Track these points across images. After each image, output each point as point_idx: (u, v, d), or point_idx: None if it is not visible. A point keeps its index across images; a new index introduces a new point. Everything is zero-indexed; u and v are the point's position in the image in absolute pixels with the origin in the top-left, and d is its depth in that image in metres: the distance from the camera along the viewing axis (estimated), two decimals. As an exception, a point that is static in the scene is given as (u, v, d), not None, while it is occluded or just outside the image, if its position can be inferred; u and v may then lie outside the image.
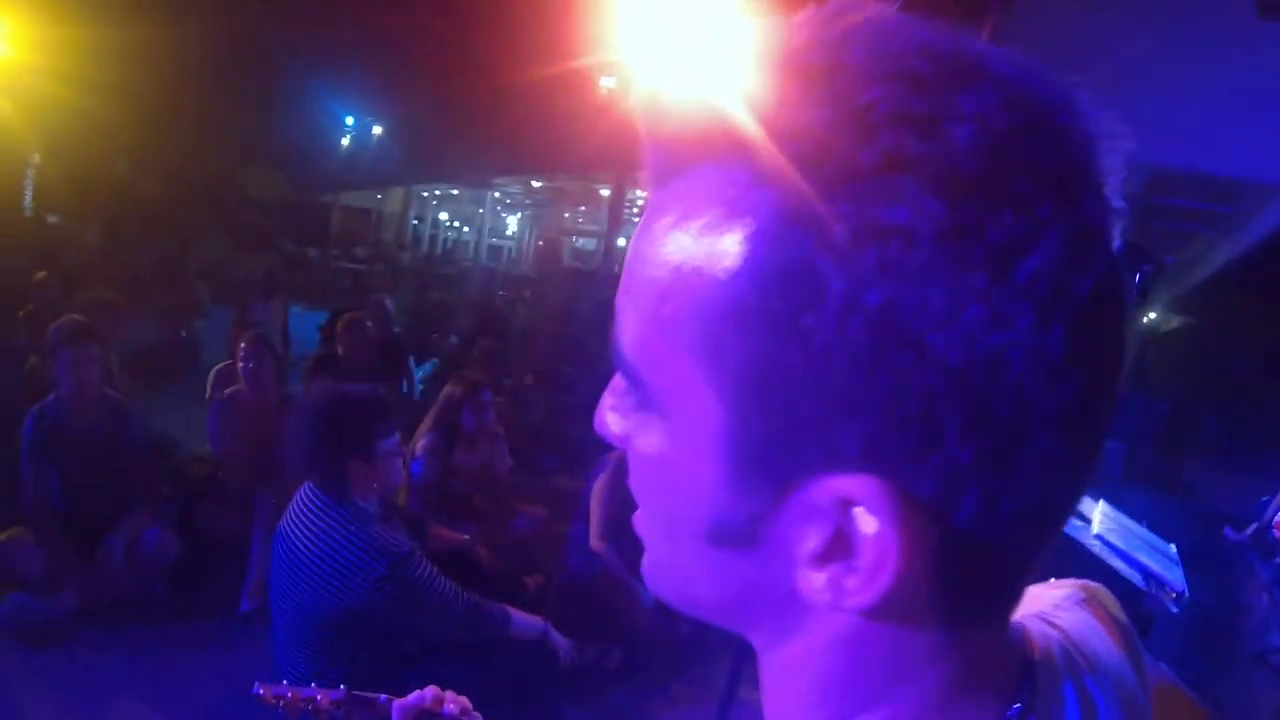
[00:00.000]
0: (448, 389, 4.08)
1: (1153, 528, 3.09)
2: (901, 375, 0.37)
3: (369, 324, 5.18)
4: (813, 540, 0.41)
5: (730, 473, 0.42)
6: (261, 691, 1.58)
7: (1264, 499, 4.84)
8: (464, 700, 1.41)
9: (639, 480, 0.48)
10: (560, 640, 2.73)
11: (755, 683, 0.51)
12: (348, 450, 2.31)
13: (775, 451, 0.41)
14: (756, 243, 0.39)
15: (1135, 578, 2.18)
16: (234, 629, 3.55)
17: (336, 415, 2.38)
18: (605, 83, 8.91)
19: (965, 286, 0.36)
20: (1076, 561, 2.15)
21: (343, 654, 2.29)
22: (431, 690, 1.40)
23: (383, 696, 1.45)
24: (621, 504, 3.72)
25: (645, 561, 0.51)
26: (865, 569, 0.40)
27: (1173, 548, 2.66)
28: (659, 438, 0.45)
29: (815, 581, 0.41)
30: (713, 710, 3.61)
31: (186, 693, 3.19)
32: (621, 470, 2.78)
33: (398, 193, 19.01)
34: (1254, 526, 4.71)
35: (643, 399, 0.45)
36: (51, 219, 12.18)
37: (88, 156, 12.65)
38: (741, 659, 2.21)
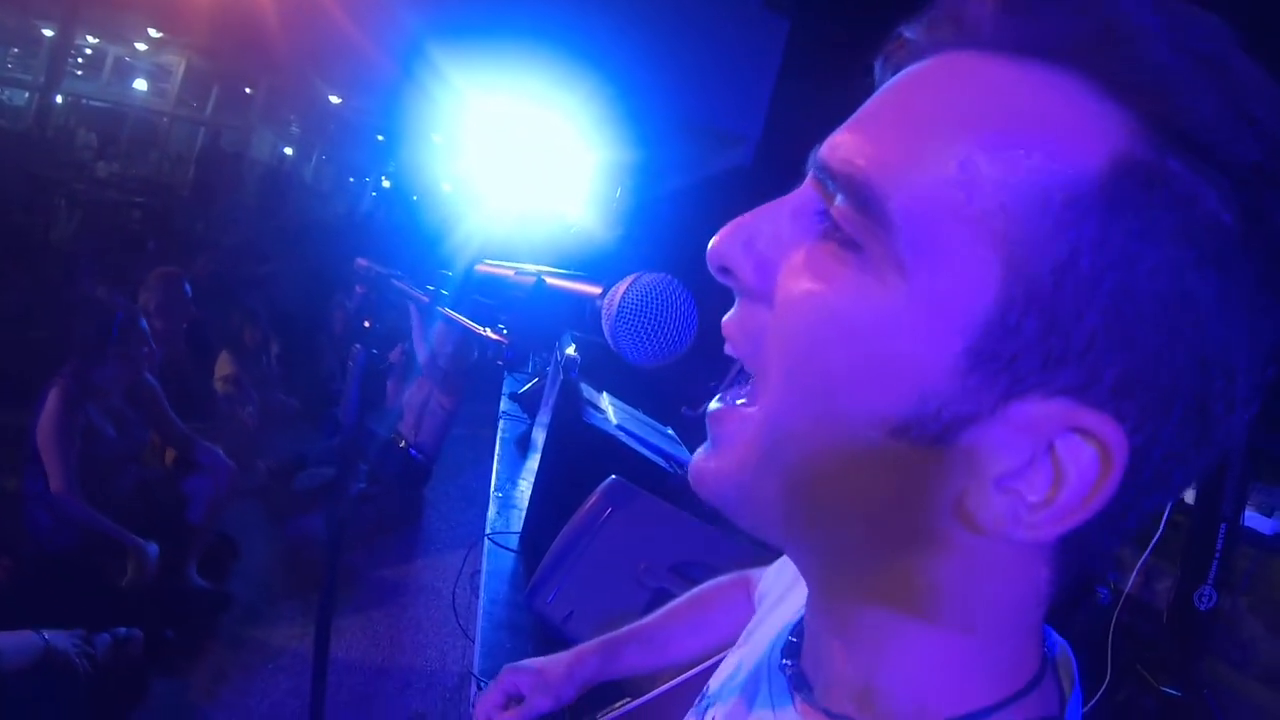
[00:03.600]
0: None
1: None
2: (1185, 335, 0.40)
3: None
4: (1012, 457, 0.42)
5: (966, 360, 0.42)
6: None
7: (711, 383, 5.72)
8: None
9: (806, 333, 0.45)
10: (65, 650, 2.18)
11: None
12: None
13: (1027, 356, 0.41)
14: (1116, 149, 0.40)
15: (660, 461, 2.37)
16: None
17: None
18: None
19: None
20: (610, 455, 2.27)
21: None
22: None
23: None
24: (85, 445, 3.14)
25: (751, 424, 0.49)
26: (1063, 503, 0.42)
27: (670, 430, 2.94)
28: (885, 296, 0.43)
29: (993, 500, 0.43)
30: (273, 677, 3.26)
31: None
32: (74, 405, 2.29)
33: None
34: (705, 406, 5.54)
35: (885, 246, 0.43)
36: None
37: None
38: (329, 611, 1.95)
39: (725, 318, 0.52)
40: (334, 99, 18.29)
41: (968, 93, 0.43)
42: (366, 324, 1.71)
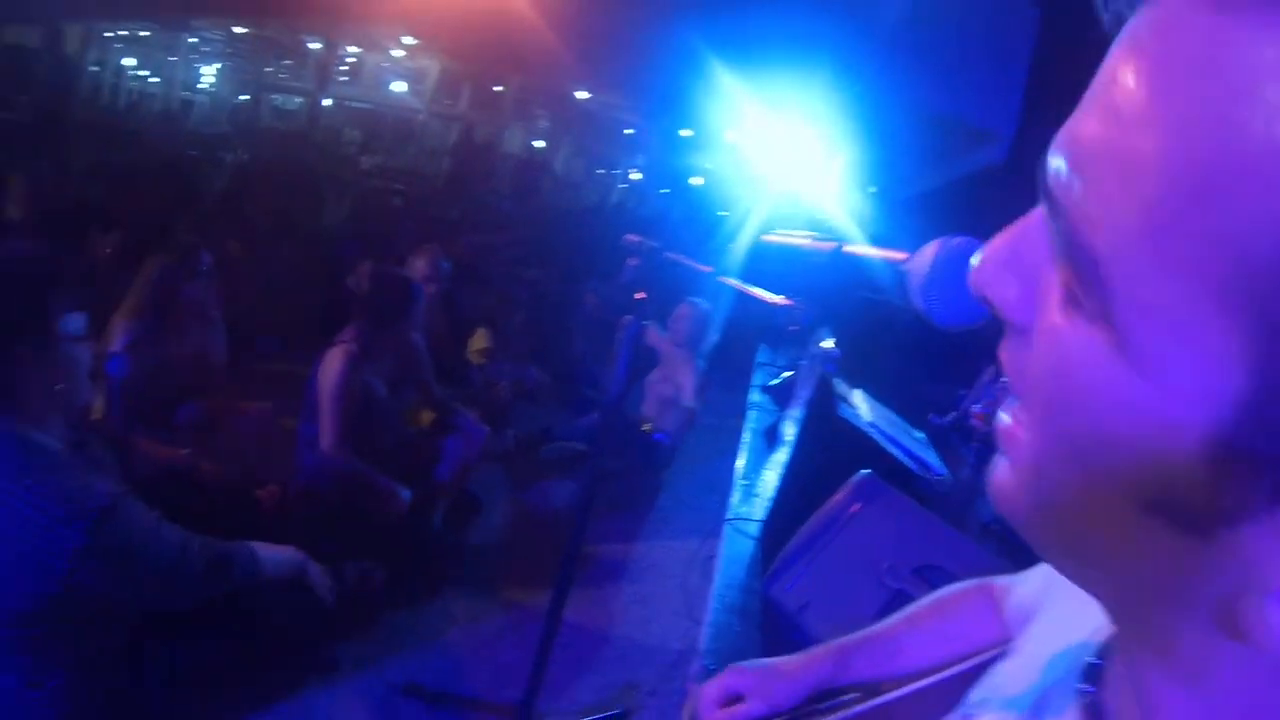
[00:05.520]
0: (154, 260, 3.43)
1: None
2: None
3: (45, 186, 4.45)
4: None
5: (1214, 453, 0.31)
6: None
7: (960, 392, 5.55)
8: None
9: (1051, 383, 0.36)
10: (317, 572, 2.30)
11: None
12: (10, 332, 1.66)
13: None
14: None
15: (909, 463, 2.33)
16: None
17: None
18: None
19: None
20: (861, 451, 2.25)
21: (56, 653, 1.73)
22: None
23: None
24: (360, 403, 3.40)
25: (1020, 453, 0.40)
26: None
27: (920, 434, 2.88)
28: (1106, 355, 0.33)
29: (1269, 614, 0.32)
30: (497, 627, 3.44)
31: None
32: (356, 367, 2.49)
33: (74, 31, 16.10)
34: (953, 415, 5.40)
35: (1097, 306, 0.33)
36: None
37: None
38: (569, 574, 2.04)
39: (1002, 342, 0.43)
40: (582, 95, 18.89)
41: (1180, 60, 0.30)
42: (641, 296, 1.76)
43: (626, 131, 21.86)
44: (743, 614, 2.04)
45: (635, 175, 21.83)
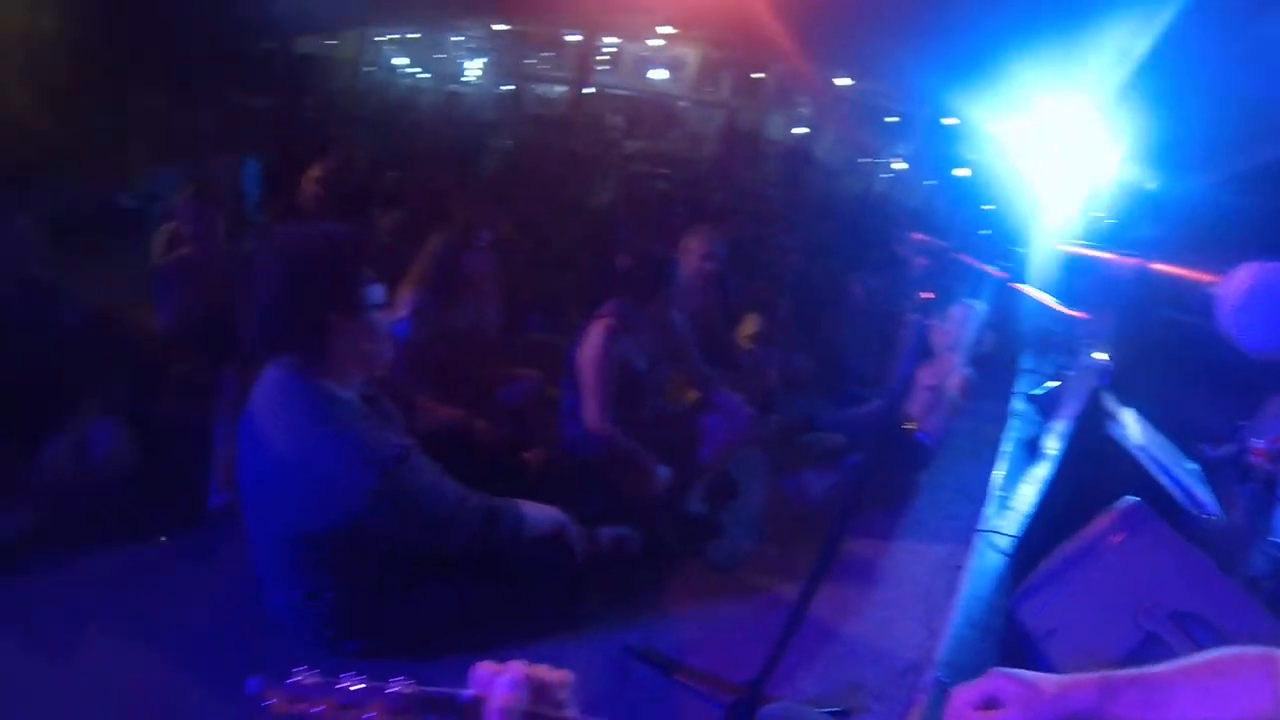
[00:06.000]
0: (438, 235, 3.73)
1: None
2: None
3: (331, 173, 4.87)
4: None
5: None
6: (265, 692, 0.97)
7: (1240, 422, 5.04)
8: (560, 675, 1.07)
9: None
10: (576, 533, 2.46)
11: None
12: (328, 301, 1.93)
13: None
14: None
15: (1179, 496, 2.20)
16: (206, 535, 3.26)
17: (312, 255, 1.96)
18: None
19: None
20: (1128, 476, 2.16)
21: (336, 573, 2.02)
22: (516, 672, 1.01)
23: (464, 693, 0.99)
24: (622, 376, 3.55)
25: None
26: None
27: (1194, 465, 2.70)
28: None
29: None
30: (738, 607, 3.52)
31: (164, 615, 2.87)
32: (615, 340, 2.65)
33: (349, 37, 17.93)
34: (1230, 448, 4.90)
35: None
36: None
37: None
38: (825, 567, 2.08)
39: None
40: (843, 82, 18.51)
41: None
42: (931, 296, 1.77)
43: (889, 119, 21.22)
44: (985, 630, 2.02)
45: (899, 165, 21.22)
